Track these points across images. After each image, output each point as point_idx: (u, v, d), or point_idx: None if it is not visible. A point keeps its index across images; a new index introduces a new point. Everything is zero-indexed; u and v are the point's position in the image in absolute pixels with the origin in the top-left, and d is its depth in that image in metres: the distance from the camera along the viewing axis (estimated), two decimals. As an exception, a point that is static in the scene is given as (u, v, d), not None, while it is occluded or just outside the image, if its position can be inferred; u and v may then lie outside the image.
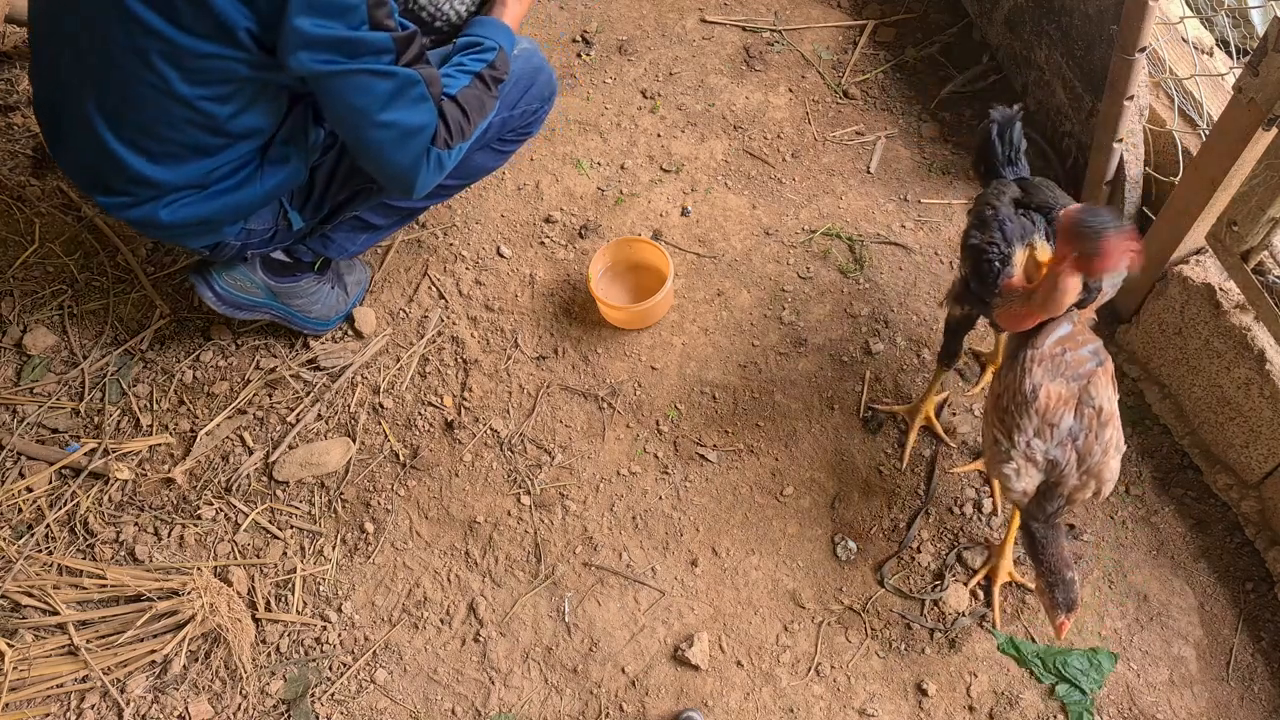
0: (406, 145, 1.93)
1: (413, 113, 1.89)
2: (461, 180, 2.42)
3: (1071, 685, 2.08)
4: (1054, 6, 2.61)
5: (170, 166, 1.95)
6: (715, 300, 2.65)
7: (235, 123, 1.91)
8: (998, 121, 2.14)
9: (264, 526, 2.33)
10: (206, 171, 1.98)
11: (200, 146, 1.93)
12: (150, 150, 1.92)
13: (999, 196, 2.00)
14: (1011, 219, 1.94)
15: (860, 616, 2.20)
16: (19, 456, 2.39)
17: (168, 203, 1.99)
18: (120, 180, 1.98)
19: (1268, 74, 1.80)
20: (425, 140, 1.95)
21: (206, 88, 1.82)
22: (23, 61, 3.10)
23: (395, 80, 1.83)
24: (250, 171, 2.03)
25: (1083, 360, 1.90)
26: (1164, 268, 2.32)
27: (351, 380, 2.53)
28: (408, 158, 1.95)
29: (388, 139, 1.90)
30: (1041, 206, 1.98)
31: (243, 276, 2.36)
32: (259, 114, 1.93)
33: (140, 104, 1.85)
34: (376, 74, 1.81)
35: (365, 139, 1.90)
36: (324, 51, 1.75)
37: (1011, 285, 1.89)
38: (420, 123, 1.92)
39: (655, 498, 2.36)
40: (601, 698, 2.13)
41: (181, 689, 2.12)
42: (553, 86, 2.39)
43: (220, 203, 2.03)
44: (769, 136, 2.95)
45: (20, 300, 2.63)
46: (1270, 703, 2.10)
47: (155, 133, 1.90)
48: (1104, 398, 1.87)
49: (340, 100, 1.84)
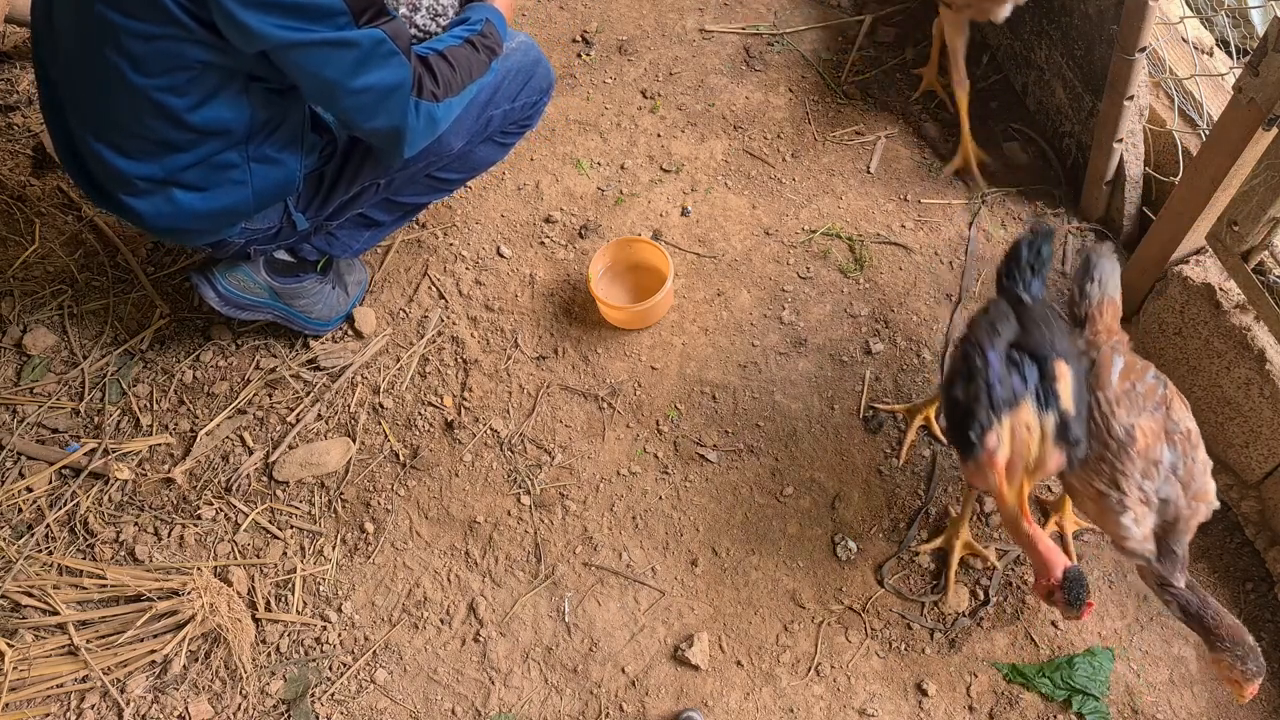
0: (388, 104, 1.90)
1: (384, 71, 1.85)
2: (464, 174, 2.42)
3: (1085, 695, 2.07)
4: (1054, 6, 2.61)
5: (143, 161, 1.94)
6: (715, 300, 2.65)
7: (197, 115, 1.87)
8: (1036, 232, 2.01)
9: (264, 526, 2.33)
10: (182, 167, 1.95)
11: (166, 141, 1.91)
12: (121, 145, 1.92)
13: (993, 336, 1.85)
14: (1001, 380, 1.79)
15: (860, 616, 2.20)
16: (19, 456, 2.40)
17: (151, 199, 1.99)
18: (105, 178, 1.99)
19: (1268, 74, 1.80)
20: (406, 94, 1.92)
21: (159, 77, 1.80)
22: (23, 61, 3.10)
23: (358, 48, 1.80)
24: (237, 175, 2.01)
25: (1153, 388, 1.86)
26: (1164, 268, 2.32)
27: (351, 380, 2.53)
28: (392, 116, 1.92)
29: (367, 103, 1.87)
30: (1036, 354, 1.83)
31: (246, 277, 2.36)
32: (222, 107, 1.88)
33: (105, 98, 1.85)
34: (337, 44, 1.77)
35: (345, 107, 1.88)
36: (274, 14, 1.69)
37: (992, 460, 1.78)
38: (395, 79, 1.88)
39: (655, 498, 2.36)
40: (601, 698, 2.13)
41: (181, 689, 2.12)
42: (550, 78, 2.40)
43: (209, 205, 2.02)
44: (769, 136, 2.95)
45: (20, 300, 2.63)
46: (1270, 703, 2.10)
47: (123, 127, 1.89)
48: (1186, 419, 1.83)
49: (309, 75, 1.81)
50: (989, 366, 1.80)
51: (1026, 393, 1.79)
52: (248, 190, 2.04)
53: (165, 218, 2.02)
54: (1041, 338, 1.85)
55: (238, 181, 2.02)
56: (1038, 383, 1.80)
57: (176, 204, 2.00)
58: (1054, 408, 1.78)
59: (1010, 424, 1.77)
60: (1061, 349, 1.84)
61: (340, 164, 2.18)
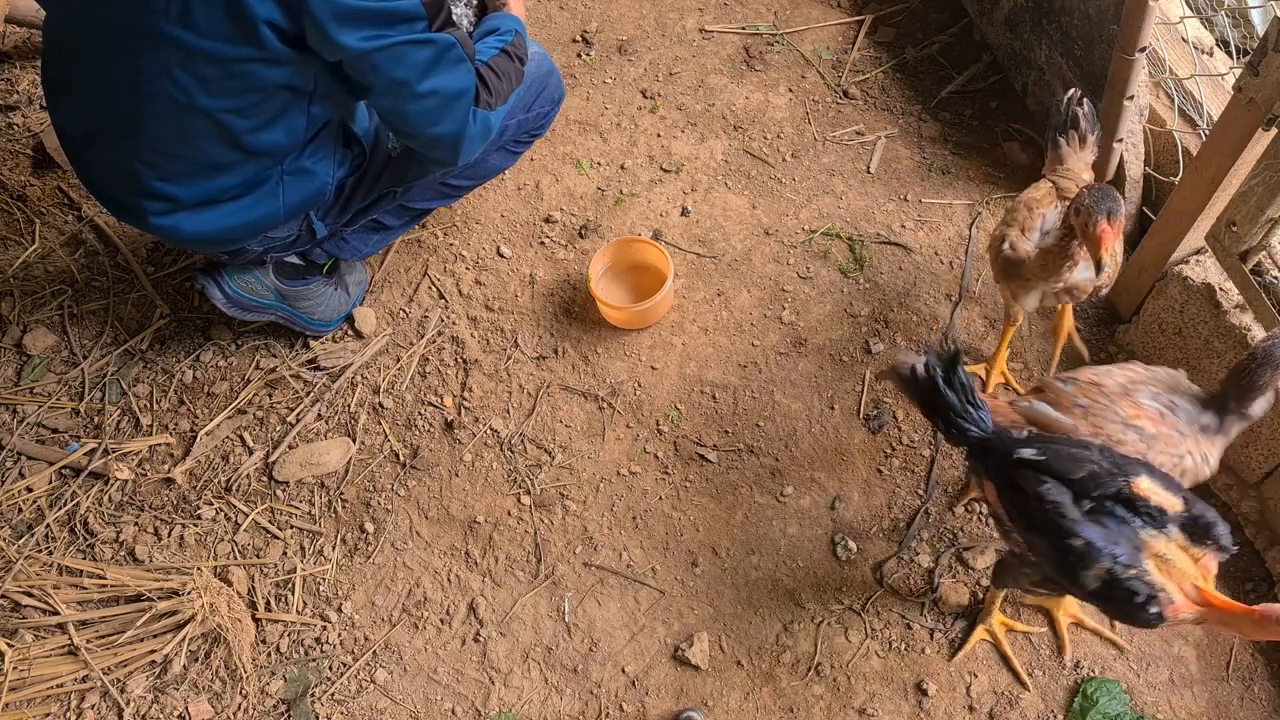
0: (451, 110, 1.93)
1: (452, 76, 1.89)
2: (473, 180, 2.44)
3: (1106, 716, 2.06)
4: (1054, 6, 2.61)
5: (184, 184, 1.94)
6: (715, 300, 2.65)
7: (254, 138, 1.89)
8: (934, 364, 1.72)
9: (264, 526, 2.33)
10: (223, 189, 1.96)
11: (214, 164, 1.91)
12: (162, 167, 1.91)
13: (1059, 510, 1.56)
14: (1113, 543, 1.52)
15: (860, 616, 2.20)
16: (19, 456, 2.40)
17: (182, 216, 1.99)
18: (133, 193, 1.97)
19: (1268, 74, 1.80)
20: (468, 103, 1.95)
21: (229, 99, 1.80)
22: (23, 61, 3.10)
23: (433, 47, 1.83)
24: (271, 187, 2.01)
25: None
26: (1164, 267, 2.32)
27: (351, 380, 2.53)
28: (454, 122, 1.95)
29: (432, 107, 1.90)
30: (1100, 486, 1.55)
31: (255, 280, 2.36)
32: (280, 131, 1.91)
33: (156, 117, 1.83)
34: (414, 44, 1.80)
35: (409, 111, 1.89)
36: (362, 26, 1.72)
37: (1179, 612, 1.52)
38: (461, 86, 1.92)
39: (655, 498, 2.36)
40: (601, 698, 2.13)
41: (181, 689, 2.12)
42: (561, 90, 2.45)
43: (239, 219, 2.02)
44: (769, 136, 2.95)
45: (20, 300, 2.63)
46: (1270, 703, 2.10)
47: (169, 150, 1.88)
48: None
49: (381, 76, 1.82)
50: (1094, 544, 1.53)
51: (1141, 528, 1.55)
52: (278, 203, 2.04)
53: (193, 233, 2.02)
54: (1076, 462, 1.59)
55: (270, 195, 2.02)
56: (1133, 514, 1.56)
57: (208, 221, 2.00)
58: (1166, 522, 1.55)
59: (1154, 567, 1.53)
60: (1109, 463, 1.60)
61: (360, 174, 2.19)
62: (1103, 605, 1.60)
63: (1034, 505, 1.60)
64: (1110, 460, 1.60)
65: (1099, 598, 1.56)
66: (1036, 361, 2.50)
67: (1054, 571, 1.62)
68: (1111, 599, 1.54)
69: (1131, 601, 1.50)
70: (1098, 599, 1.57)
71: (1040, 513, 1.59)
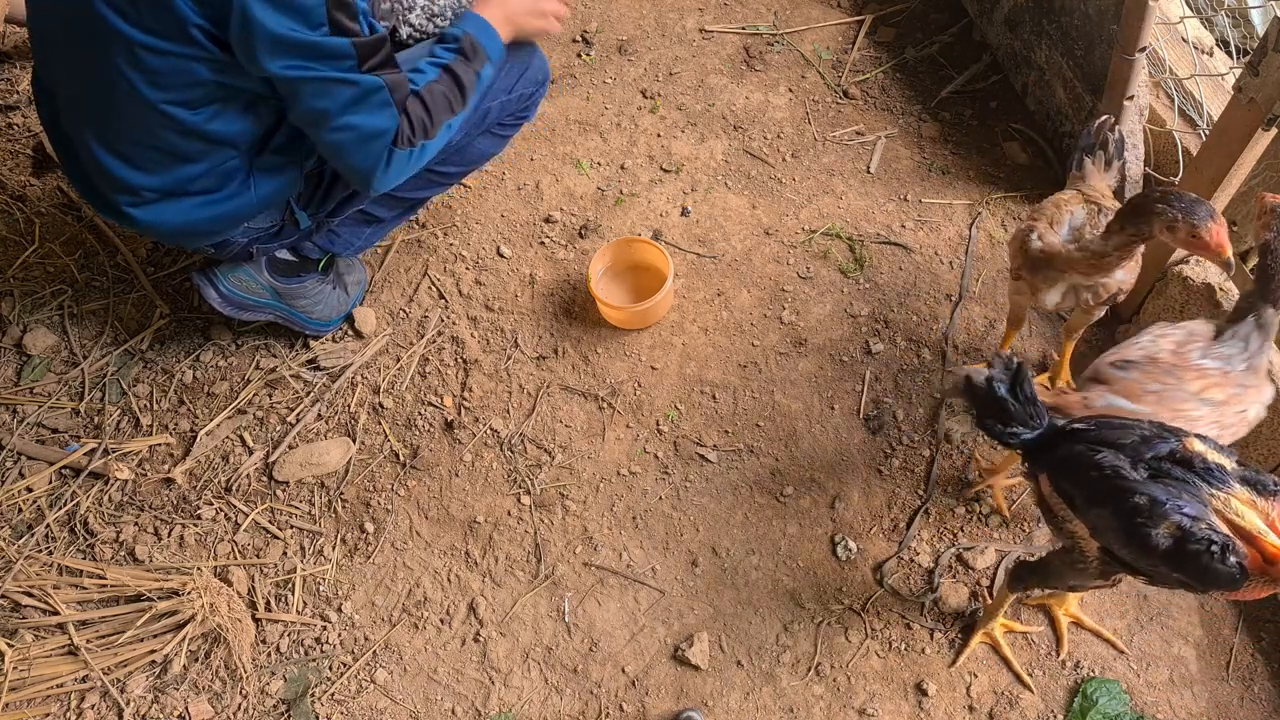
0: (365, 148, 1.93)
1: (373, 117, 1.89)
2: (462, 167, 2.42)
3: (1105, 716, 2.06)
4: (1054, 6, 2.61)
5: (153, 173, 1.96)
6: (715, 300, 2.65)
7: (209, 128, 1.91)
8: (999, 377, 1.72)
9: (264, 526, 2.33)
10: (191, 177, 1.98)
11: (177, 152, 1.93)
12: (130, 157, 1.94)
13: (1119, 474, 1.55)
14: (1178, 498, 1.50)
15: (860, 616, 2.20)
16: (19, 456, 2.40)
17: (156, 208, 2.00)
18: (109, 187, 2.00)
19: (1268, 74, 1.80)
20: (385, 144, 1.95)
21: (170, 91, 1.82)
22: (23, 61, 3.10)
23: (357, 88, 1.84)
24: (241, 180, 2.03)
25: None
26: (1164, 267, 2.32)
27: (351, 380, 2.53)
28: (366, 160, 1.95)
29: (346, 140, 1.90)
30: (1151, 448, 1.55)
31: (248, 277, 2.36)
32: (231, 120, 1.92)
33: (116, 110, 1.87)
34: (339, 81, 1.82)
35: (324, 139, 1.92)
36: (289, 55, 1.75)
37: (1268, 564, 1.47)
38: (380, 127, 1.91)
39: (655, 498, 2.36)
40: (601, 698, 2.13)
41: (181, 689, 2.12)
42: (546, 69, 2.40)
43: (213, 211, 2.04)
44: (769, 136, 2.96)
45: (20, 300, 2.63)
46: (1270, 703, 2.10)
47: (134, 139, 1.91)
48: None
49: (301, 102, 1.85)
50: (1158, 498, 1.51)
51: (1202, 485, 1.52)
52: (250, 194, 2.06)
53: (168, 225, 2.04)
54: (1124, 429, 1.59)
55: (241, 186, 2.03)
56: (1190, 473, 1.54)
57: (181, 212, 2.02)
58: (1227, 478, 1.52)
59: (1229, 521, 1.49)
60: (1156, 427, 1.59)
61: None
62: (1178, 568, 1.51)
63: (1093, 476, 1.58)
64: (1156, 425, 1.59)
65: (1172, 560, 1.50)
66: (1037, 362, 2.50)
67: (1121, 543, 1.58)
68: (1185, 557, 1.47)
69: (1208, 554, 1.45)
70: (1171, 562, 1.50)
71: (1101, 482, 1.57)
